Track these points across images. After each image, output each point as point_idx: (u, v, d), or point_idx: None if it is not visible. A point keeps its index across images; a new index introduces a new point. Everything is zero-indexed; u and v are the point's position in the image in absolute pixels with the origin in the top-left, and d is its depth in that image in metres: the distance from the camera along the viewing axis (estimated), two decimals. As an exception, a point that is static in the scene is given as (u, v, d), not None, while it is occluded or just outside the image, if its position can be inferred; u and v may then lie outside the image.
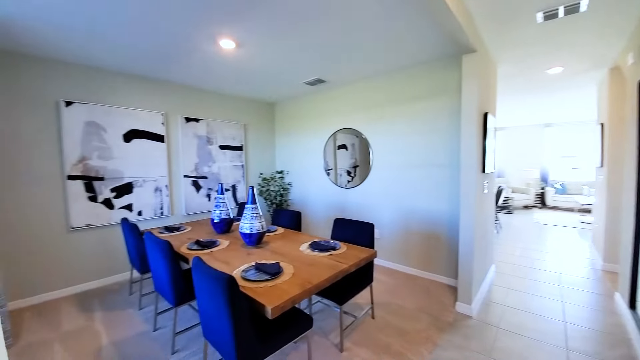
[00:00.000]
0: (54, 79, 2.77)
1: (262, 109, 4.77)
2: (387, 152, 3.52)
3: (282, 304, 1.44)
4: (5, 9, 1.93)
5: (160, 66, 3.06)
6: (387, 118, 3.50)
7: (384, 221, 3.60)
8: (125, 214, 3.22)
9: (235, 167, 4.33)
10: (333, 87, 4.01)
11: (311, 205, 4.54)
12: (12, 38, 2.33)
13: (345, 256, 2.08)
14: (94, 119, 2.99)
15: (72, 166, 2.87)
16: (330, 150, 4.10)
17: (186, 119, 3.73)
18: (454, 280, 3.02)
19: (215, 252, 2.22)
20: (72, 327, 2.31)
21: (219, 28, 2.29)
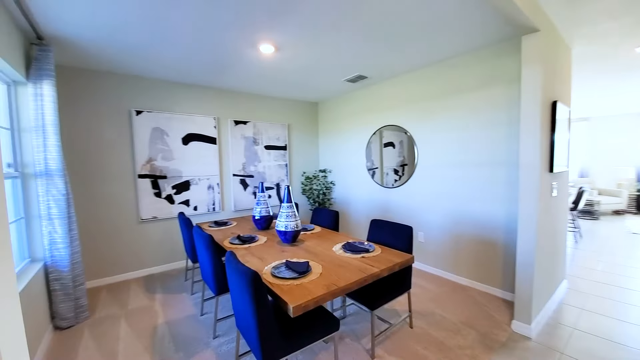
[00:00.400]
0: (126, 92, 3.25)
1: (305, 109, 4.86)
2: (434, 149, 3.26)
3: (304, 303, 1.45)
4: (86, 35, 2.32)
5: (212, 75, 3.35)
6: (434, 113, 3.24)
7: (430, 224, 3.35)
8: (183, 208, 3.62)
9: (279, 166, 4.50)
10: (375, 82, 3.87)
11: (353, 205, 4.47)
12: (93, 59, 2.80)
13: (378, 259, 1.99)
14: (159, 125, 3.42)
15: (142, 166, 3.33)
16: (376, 148, 3.96)
17: (235, 122, 4.02)
18: (511, 295, 2.66)
19: (253, 247, 2.34)
20: (137, 305, 2.68)
21: (259, 34, 2.39)
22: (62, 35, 2.30)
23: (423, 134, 3.37)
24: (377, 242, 2.48)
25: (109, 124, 3.15)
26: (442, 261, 3.25)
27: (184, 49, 2.63)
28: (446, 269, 3.21)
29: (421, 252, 3.48)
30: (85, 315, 2.44)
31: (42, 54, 2.20)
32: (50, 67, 2.23)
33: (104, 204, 3.15)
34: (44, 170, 2.22)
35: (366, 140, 4.13)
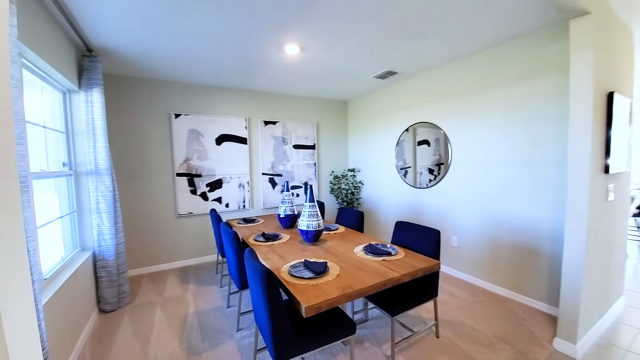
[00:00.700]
0: (166, 96, 3.51)
1: (334, 108, 4.84)
2: (470, 147, 3.04)
3: (317, 304, 1.43)
4: (129, 46, 2.54)
5: (243, 78, 3.48)
6: (470, 108, 3.02)
7: (464, 227, 3.13)
8: (216, 205, 3.82)
9: (307, 165, 4.54)
10: (405, 78, 3.72)
11: (382, 205, 4.35)
12: (137, 67, 3.06)
13: (400, 264, 1.91)
14: (195, 127, 3.64)
15: (179, 165, 3.57)
16: (409, 146, 3.78)
17: (265, 122, 4.13)
18: (556, 309, 2.38)
19: (275, 245, 2.39)
20: (172, 294, 2.89)
21: (284, 36, 2.42)
22: (108, 47, 2.55)
23: (458, 130, 3.16)
24: (402, 245, 2.37)
25: (151, 126, 3.43)
26: (478, 268, 3.02)
27: (216, 54, 2.76)
28: (482, 277, 2.98)
29: (454, 257, 3.27)
30: (127, 300, 2.69)
31: (92, 65, 2.46)
32: (99, 77, 2.49)
33: (147, 200, 3.44)
34: (94, 169, 2.49)
35: (396, 139, 3.99)
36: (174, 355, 1.99)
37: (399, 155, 3.94)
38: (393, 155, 4.05)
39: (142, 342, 2.13)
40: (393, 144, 4.05)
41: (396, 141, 3.98)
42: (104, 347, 2.07)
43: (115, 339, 2.17)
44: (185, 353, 2.01)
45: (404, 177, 3.87)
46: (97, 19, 2.11)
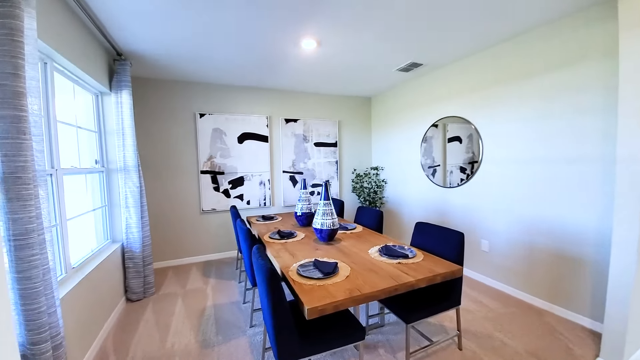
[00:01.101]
0: (192, 97, 3.65)
1: (357, 104, 4.71)
2: (503, 142, 2.77)
3: (321, 306, 1.37)
4: (156, 50, 2.66)
5: (263, 76, 3.50)
6: (503, 100, 2.75)
7: (496, 231, 2.87)
8: (238, 202, 3.90)
9: (329, 163, 4.47)
10: (431, 70, 3.50)
11: (406, 205, 4.15)
12: (163, 69, 3.21)
13: (417, 268, 1.77)
14: (218, 125, 3.75)
15: (204, 163, 3.70)
16: (438, 143, 3.55)
17: (286, 120, 4.14)
18: (599, 325, 2.08)
19: (289, 243, 2.36)
20: (193, 287, 2.99)
21: (300, 30, 2.38)
22: (136, 51, 2.69)
23: (489, 125, 2.90)
24: (422, 248, 2.22)
25: (177, 126, 3.59)
26: (511, 276, 2.75)
27: (234, 53, 2.80)
28: (516, 285, 2.70)
29: (484, 263, 3.01)
30: (152, 291, 2.83)
31: (121, 68, 2.62)
32: (127, 79, 2.64)
33: (173, 196, 3.61)
34: (123, 166, 2.64)
35: (422, 135, 3.78)
36: (189, 346, 2.05)
37: (426, 152, 3.71)
38: (418, 153, 3.85)
39: (161, 332, 2.22)
40: (418, 141, 3.84)
41: (422, 138, 3.77)
42: (126, 335, 2.19)
43: (138, 328, 2.29)
44: (200, 345, 2.06)
45: (432, 176, 3.64)
46: (124, 26, 2.23)
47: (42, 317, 1.20)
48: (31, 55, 1.23)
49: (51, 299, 1.26)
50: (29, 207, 1.17)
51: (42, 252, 1.23)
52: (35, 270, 1.18)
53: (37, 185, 1.23)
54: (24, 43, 1.18)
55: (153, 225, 3.54)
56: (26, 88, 1.19)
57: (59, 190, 1.84)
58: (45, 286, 1.24)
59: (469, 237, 3.17)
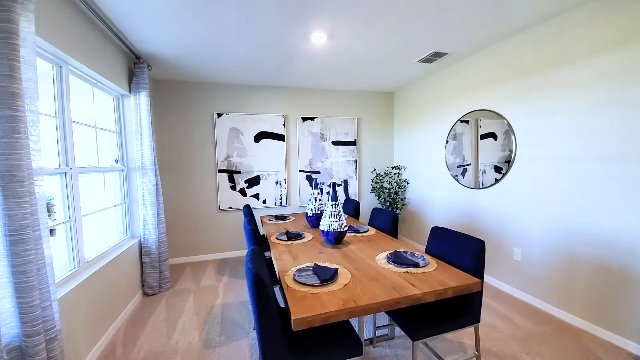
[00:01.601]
0: (210, 97, 3.72)
1: (378, 100, 4.49)
2: (539, 138, 2.44)
3: (310, 317, 1.26)
4: (172, 53, 2.73)
5: (278, 74, 3.47)
6: (538, 90, 2.42)
7: (530, 238, 2.54)
8: (254, 201, 3.92)
9: (347, 163, 4.32)
10: (457, 59, 3.20)
11: (429, 207, 3.87)
12: (182, 71, 3.29)
13: (427, 279, 1.59)
14: (235, 125, 3.79)
15: (221, 162, 3.76)
16: (469, 140, 3.23)
17: (302, 119, 4.07)
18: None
19: (294, 244, 2.28)
20: (206, 284, 3.04)
21: (308, 23, 2.28)
22: (153, 54, 2.78)
23: (523, 119, 2.57)
24: (437, 256, 2.01)
25: (196, 126, 3.69)
26: (546, 290, 2.41)
27: (246, 52, 2.78)
28: (551, 300, 2.37)
29: (515, 273, 2.69)
30: (167, 286, 2.92)
31: (139, 71, 2.72)
32: (145, 81, 2.73)
33: (192, 194, 3.72)
34: (141, 165, 2.75)
35: (446, 132, 3.49)
36: (192, 345, 2.05)
37: (455, 150, 3.38)
38: (443, 151, 3.56)
39: (169, 328, 2.26)
40: (443, 138, 3.55)
41: (447, 134, 3.48)
42: (136, 329, 2.26)
43: (148, 322, 2.36)
44: (202, 345, 2.05)
45: (462, 176, 3.31)
46: (141, 31, 2.31)
47: (36, 310, 1.23)
48: (28, 57, 1.27)
49: (46, 294, 1.30)
50: (23, 205, 1.21)
51: (37, 247, 1.27)
52: (29, 265, 1.22)
53: (33, 183, 1.27)
54: (20, 46, 1.21)
55: (173, 222, 3.68)
56: (22, 89, 1.23)
57: (73, 187, 1.93)
58: (40, 281, 1.28)
59: (498, 244, 2.85)
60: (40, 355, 1.24)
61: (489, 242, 2.96)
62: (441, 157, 3.59)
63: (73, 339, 1.74)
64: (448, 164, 3.48)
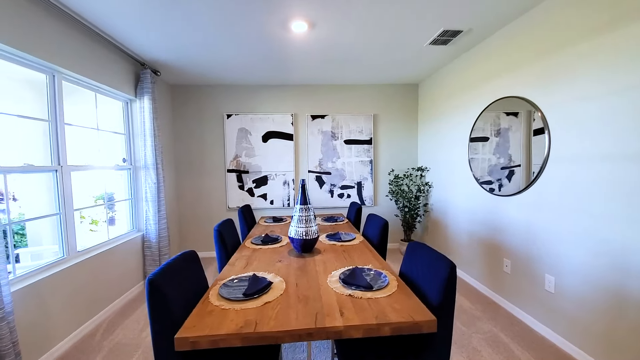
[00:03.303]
0: (220, 99, 3.83)
1: (399, 93, 4.03)
2: (580, 131, 1.82)
3: (194, 337, 1.10)
4: (172, 58, 2.86)
5: (282, 72, 3.40)
6: (579, 67, 1.80)
7: (568, 262, 1.92)
8: (261, 201, 3.90)
9: (361, 163, 3.98)
10: (481, 38, 2.64)
11: (451, 215, 3.29)
12: (189, 75, 3.45)
13: (368, 307, 1.27)
14: (244, 125, 3.83)
15: (230, 162, 3.85)
16: (517, 136, 2.58)
17: (312, 117, 3.89)
18: None
19: (261, 249, 2.14)
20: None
21: (283, 10, 2.12)
22: (158, 60, 2.96)
23: (559, 106, 1.95)
24: (409, 277, 1.64)
25: (207, 127, 3.84)
26: (582, 334, 1.77)
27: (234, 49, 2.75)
28: (591, 350, 1.73)
29: (546, 307, 2.06)
30: (165, 279, 3.08)
31: (143, 76, 2.92)
32: (149, 86, 2.93)
33: (203, 193, 3.88)
34: (144, 164, 2.96)
35: (469, 126, 2.91)
36: (157, 341, 2.09)
37: (499, 149, 2.60)
38: (465, 148, 2.98)
39: (146, 322, 2.36)
40: (465, 134, 2.97)
41: (470, 130, 2.90)
42: (122, 318, 2.42)
43: (135, 312, 2.50)
44: (166, 343, 2.07)
45: (507, 180, 2.49)
46: (138, 41, 2.50)
47: (-26, 295, 1.36)
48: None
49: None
50: (-36, 199, 1.34)
51: (-20, 238, 1.40)
52: (-31, 254, 1.35)
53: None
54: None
55: (186, 219, 3.91)
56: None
57: (64, 183, 2.14)
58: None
59: (527, 268, 2.24)
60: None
61: (516, 263, 2.34)
62: (462, 156, 3.01)
63: (52, 321, 1.92)
64: (471, 164, 2.89)
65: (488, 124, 2.74)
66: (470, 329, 2.18)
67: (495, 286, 2.62)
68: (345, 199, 3.99)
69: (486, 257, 2.73)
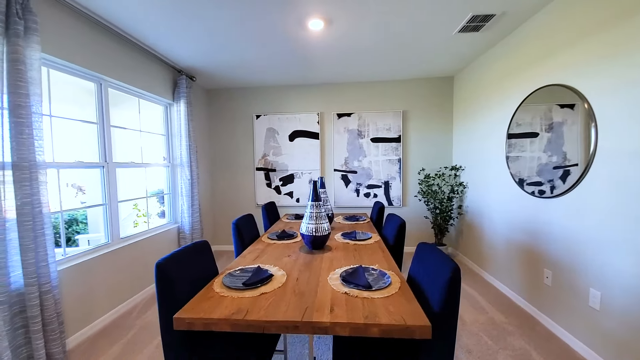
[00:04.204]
0: (250, 100, 4.02)
1: (431, 88, 3.80)
2: (633, 123, 1.53)
3: (190, 319, 1.18)
4: (205, 64, 3.10)
5: (307, 72, 3.44)
6: (632, 47, 1.52)
7: (615, 277, 1.63)
8: (287, 199, 4.00)
9: (389, 162, 3.84)
10: (516, 21, 2.37)
11: (487, 219, 3.00)
12: (224, 80, 3.68)
13: (362, 306, 1.24)
14: (272, 125, 3.96)
15: (258, 161, 4.01)
16: (574, 131, 2.29)
17: (338, 115, 3.87)
18: None
19: (275, 244, 2.19)
20: (227, 272, 3.30)
21: (299, 9, 2.17)
22: (192, 67, 3.22)
23: (607, 93, 1.67)
24: (416, 280, 1.54)
25: (238, 127, 4.06)
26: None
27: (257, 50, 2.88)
28: (650, 388, 1.44)
29: (590, 326, 1.77)
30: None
31: (180, 82, 3.21)
32: (184, 91, 3.20)
33: (234, 190, 4.11)
34: (180, 162, 3.24)
35: (506, 121, 2.63)
36: (181, 324, 2.27)
37: (551, 146, 2.24)
38: (502, 144, 2.69)
39: (177, 305, 2.57)
40: (502, 129, 2.69)
41: (507, 124, 2.62)
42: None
43: (166, 296, 2.75)
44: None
45: (561, 181, 2.09)
46: (173, 50, 2.76)
47: (30, 267, 1.63)
48: (33, 77, 1.68)
49: (43, 257, 1.69)
50: (24, 188, 1.61)
51: (37, 220, 1.67)
52: (28, 232, 1.62)
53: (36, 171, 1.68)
54: (25, 70, 1.62)
55: (219, 213, 4.19)
56: (30, 103, 1.64)
57: (109, 178, 2.45)
58: (37, 244, 1.67)
59: (569, 279, 1.95)
60: (33, 302, 1.63)
61: (558, 275, 2.05)
62: (500, 153, 2.73)
63: (95, 298, 2.21)
64: (509, 162, 2.60)
65: (537, 118, 2.43)
66: (499, 344, 1.97)
67: (533, 299, 2.32)
68: (372, 198, 3.89)
69: (525, 266, 2.44)
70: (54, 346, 1.73)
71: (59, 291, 1.81)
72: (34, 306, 1.64)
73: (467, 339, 2.03)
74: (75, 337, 2.04)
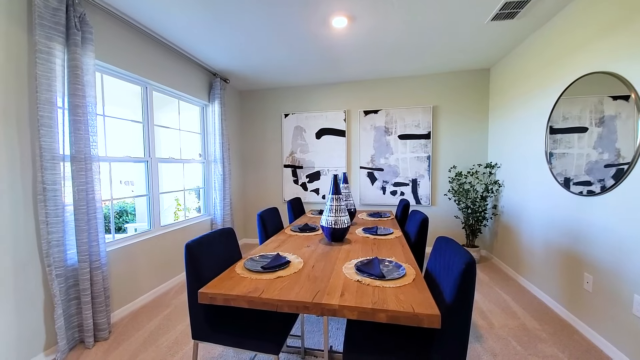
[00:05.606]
0: (280, 100, 4.17)
1: (464, 81, 3.62)
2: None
3: (212, 294, 1.30)
4: (238, 67, 3.30)
5: (330, 70, 3.49)
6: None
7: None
8: (313, 196, 4.07)
9: (417, 159, 3.73)
10: (555, 6, 2.19)
11: (525, 220, 2.79)
12: (256, 81, 3.86)
13: (372, 294, 1.26)
14: (299, 123, 4.07)
15: (286, 158, 4.14)
16: (628, 125, 2.13)
17: (365, 112, 3.86)
18: None
19: (297, 236, 2.27)
20: (254, 263, 3.46)
21: (327, 8, 2.24)
22: (225, 70, 3.44)
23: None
24: (432, 273, 1.51)
25: (268, 126, 4.24)
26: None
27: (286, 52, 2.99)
28: None
29: (633, 336, 1.58)
30: (227, 258, 3.54)
31: (214, 84, 3.44)
32: (218, 92, 3.43)
33: (263, 186, 4.29)
34: (214, 159, 3.48)
35: (546, 114, 2.43)
36: (210, 307, 2.45)
37: (602, 142, 2.00)
38: (542, 140, 2.50)
39: (208, 290, 2.78)
40: (542, 123, 2.50)
41: (547, 118, 2.42)
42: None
43: (199, 281, 2.97)
44: (216, 309, 2.41)
45: (613, 180, 1.84)
46: (208, 55, 2.98)
47: (84, 246, 1.88)
48: (88, 81, 1.94)
49: (94, 237, 1.95)
50: (80, 178, 1.87)
51: (90, 205, 1.92)
52: (82, 215, 1.88)
53: (91, 163, 1.93)
54: (82, 76, 1.88)
55: (250, 208, 4.40)
56: (86, 103, 1.90)
57: (152, 172, 2.72)
58: (90, 227, 1.93)
59: (612, 285, 1.76)
60: (84, 276, 1.88)
61: (599, 280, 1.86)
62: (539, 149, 2.53)
63: (138, 277, 2.47)
64: (549, 158, 2.41)
65: (587, 111, 2.23)
66: (528, 350, 1.84)
67: (572, 306, 2.13)
68: (399, 196, 3.81)
69: (563, 270, 2.24)
70: (100, 317, 1.97)
71: (107, 269, 2.06)
72: (85, 280, 1.89)
73: (494, 342, 1.93)
74: (119, 311, 2.30)
